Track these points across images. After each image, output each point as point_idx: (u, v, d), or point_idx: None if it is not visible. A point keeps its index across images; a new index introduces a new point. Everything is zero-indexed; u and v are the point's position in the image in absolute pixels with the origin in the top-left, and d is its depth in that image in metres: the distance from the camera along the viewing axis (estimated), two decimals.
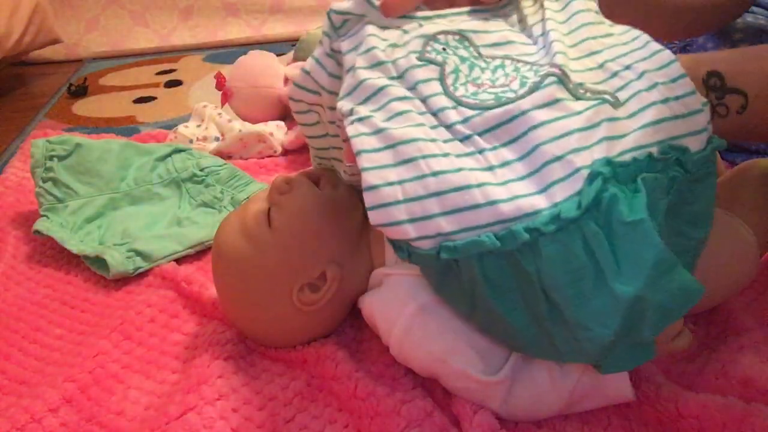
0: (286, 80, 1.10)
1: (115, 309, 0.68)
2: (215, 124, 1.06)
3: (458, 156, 0.40)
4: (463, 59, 0.44)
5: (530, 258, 0.37)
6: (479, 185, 0.38)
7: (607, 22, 0.47)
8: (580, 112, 0.39)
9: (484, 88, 0.42)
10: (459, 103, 0.41)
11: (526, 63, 0.44)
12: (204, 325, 0.63)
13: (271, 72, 1.10)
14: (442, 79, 0.42)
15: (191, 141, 1.03)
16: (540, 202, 0.37)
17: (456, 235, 0.39)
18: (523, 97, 0.40)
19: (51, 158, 0.82)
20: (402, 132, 0.40)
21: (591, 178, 0.36)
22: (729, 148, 0.80)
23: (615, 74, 0.41)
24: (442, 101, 0.41)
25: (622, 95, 0.40)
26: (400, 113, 0.41)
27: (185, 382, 0.55)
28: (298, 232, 0.55)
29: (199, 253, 0.77)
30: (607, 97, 0.40)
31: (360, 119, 0.41)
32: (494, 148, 0.39)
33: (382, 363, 0.55)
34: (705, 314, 0.57)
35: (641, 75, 0.41)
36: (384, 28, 0.45)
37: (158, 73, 1.57)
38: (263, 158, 1.01)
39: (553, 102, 0.39)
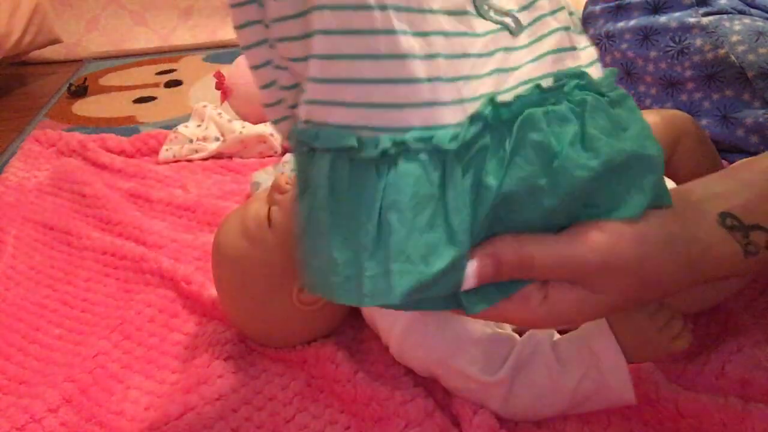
0: None
1: (115, 309, 0.68)
2: (215, 124, 1.06)
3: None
4: None
5: (384, 169, 0.35)
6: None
7: None
8: (480, 35, 0.36)
9: None
10: None
11: None
12: (204, 325, 0.63)
13: None
14: None
15: (191, 141, 1.03)
16: (414, 119, 0.35)
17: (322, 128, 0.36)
18: None
19: None
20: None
21: (472, 118, 0.35)
22: (727, 148, 0.79)
23: None
24: None
25: (525, 17, 0.37)
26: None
27: (185, 382, 0.55)
28: None
29: (199, 252, 0.77)
30: (508, 21, 0.37)
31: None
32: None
33: (382, 363, 0.55)
34: (705, 314, 0.57)
35: None
36: None
37: (158, 73, 1.57)
38: (264, 159, 1.01)
39: (461, 13, 0.35)
